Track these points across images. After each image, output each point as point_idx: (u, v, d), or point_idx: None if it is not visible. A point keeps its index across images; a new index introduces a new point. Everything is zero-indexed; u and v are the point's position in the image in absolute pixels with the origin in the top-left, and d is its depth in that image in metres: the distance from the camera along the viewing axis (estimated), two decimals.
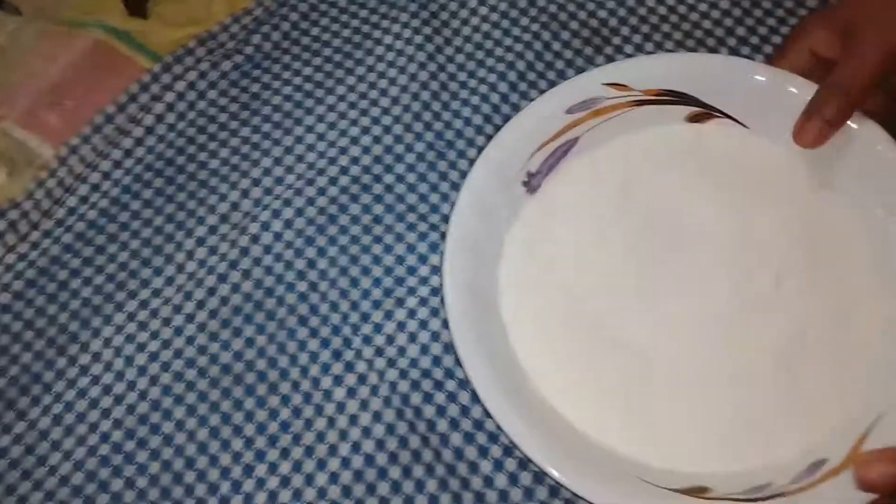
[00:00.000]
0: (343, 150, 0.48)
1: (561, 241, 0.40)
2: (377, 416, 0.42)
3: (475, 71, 0.50)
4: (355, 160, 0.48)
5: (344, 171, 0.47)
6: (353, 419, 0.42)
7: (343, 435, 0.41)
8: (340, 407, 0.42)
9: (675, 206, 0.40)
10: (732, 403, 0.36)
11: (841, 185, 0.39)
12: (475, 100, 0.49)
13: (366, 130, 0.48)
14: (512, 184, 0.41)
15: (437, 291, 0.44)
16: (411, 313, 0.44)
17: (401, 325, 0.43)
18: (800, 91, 0.39)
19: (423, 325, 0.43)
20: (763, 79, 0.40)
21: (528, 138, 0.40)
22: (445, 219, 0.45)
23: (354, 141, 0.48)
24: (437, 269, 0.44)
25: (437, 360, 0.43)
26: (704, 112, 0.41)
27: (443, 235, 0.42)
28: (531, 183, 0.41)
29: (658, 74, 0.41)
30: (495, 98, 0.49)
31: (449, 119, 0.49)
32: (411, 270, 0.45)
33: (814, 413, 0.36)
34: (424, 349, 0.43)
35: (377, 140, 0.48)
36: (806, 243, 0.38)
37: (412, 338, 0.43)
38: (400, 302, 0.44)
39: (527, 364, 0.38)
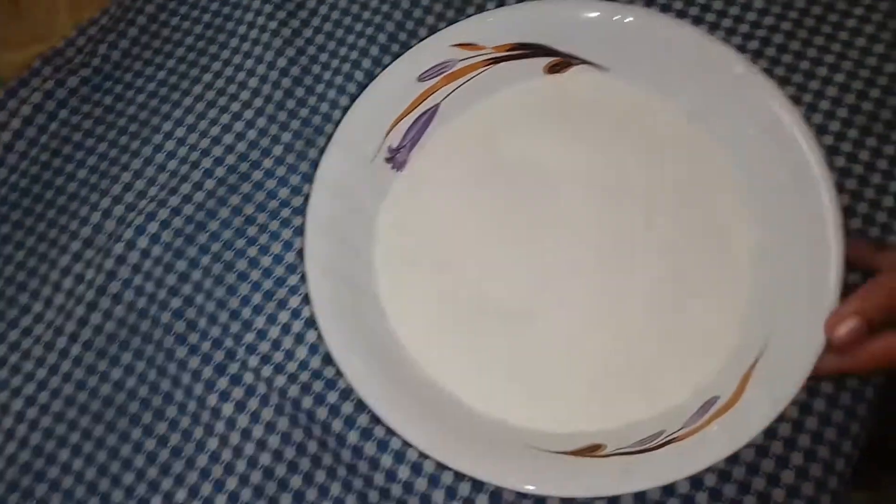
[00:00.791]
0: (205, 152, 0.45)
1: (432, 215, 0.39)
2: (270, 427, 0.40)
3: (336, 50, 0.48)
4: (219, 160, 0.45)
5: (208, 173, 0.45)
6: (246, 433, 0.40)
7: (238, 451, 0.39)
8: (231, 423, 0.40)
9: (542, 161, 0.39)
10: (616, 354, 0.35)
11: (706, 114, 0.38)
12: (339, 80, 0.47)
13: (227, 128, 0.46)
14: (373, 161, 0.38)
15: None
16: (295, 313, 0.42)
17: (285, 328, 0.41)
18: (651, 24, 0.37)
19: (310, 323, 0.41)
20: (611, 16, 0.38)
21: (381, 112, 0.38)
22: None
23: (216, 141, 0.46)
24: None
25: (327, 358, 0.40)
26: (562, 61, 0.40)
27: None
28: (396, 158, 0.39)
29: (506, 28, 0.39)
30: (359, 76, 0.47)
31: (315, 104, 0.46)
32: (291, 268, 0.42)
33: (699, 352, 0.35)
34: (313, 349, 0.41)
35: (240, 136, 0.46)
36: (675, 179, 0.37)
37: (299, 339, 0.41)
38: (282, 303, 0.42)
39: (409, 344, 0.36)
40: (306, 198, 0.37)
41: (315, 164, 0.44)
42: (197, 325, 0.42)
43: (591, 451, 0.33)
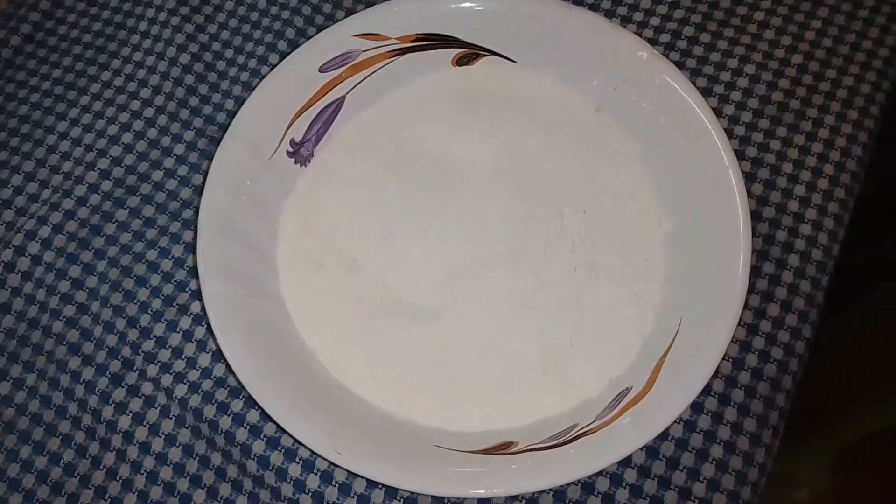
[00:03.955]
0: (102, 152, 0.43)
1: (338, 211, 0.37)
2: (171, 439, 0.37)
3: (242, 46, 0.46)
4: (117, 161, 0.43)
5: (105, 174, 0.43)
6: (145, 447, 0.37)
7: (136, 467, 0.37)
8: (129, 437, 0.38)
9: (452, 153, 0.38)
10: (529, 349, 0.34)
11: (615, 103, 0.37)
12: (245, 76, 0.45)
13: (126, 127, 0.44)
14: (273, 156, 0.37)
15: None
16: (197, 319, 0.39)
17: (187, 335, 0.39)
18: (557, 14, 0.36)
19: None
20: (516, 7, 0.37)
21: (281, 104, 0.37)
22: None
23: (114, 140, 0.43)
24: None
25: None
26: (470, 52, 0.39)
27: None
28: (300, 153, 0.38)
29: (410, 19, 0.38)
30: (266, 71, 0.45)
31: (219, 101, 0.44)
32: (193, 272, 0.40)
33: (613, 343, 0.34)
34: (217, 356, 0.39)
35: (140, 135, 0.44)
36: (585, 169, 0.36)
37: (201, 346, 0.39)
38: (183, 309, 0.40)
39: (315, 346, 0.35)
40: (201, 193, 0.36)
41: None
42: (92, 335, 0.39)
43: (503, 448, 0.32)
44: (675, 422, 0.36)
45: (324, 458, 0.35)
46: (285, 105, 0.37)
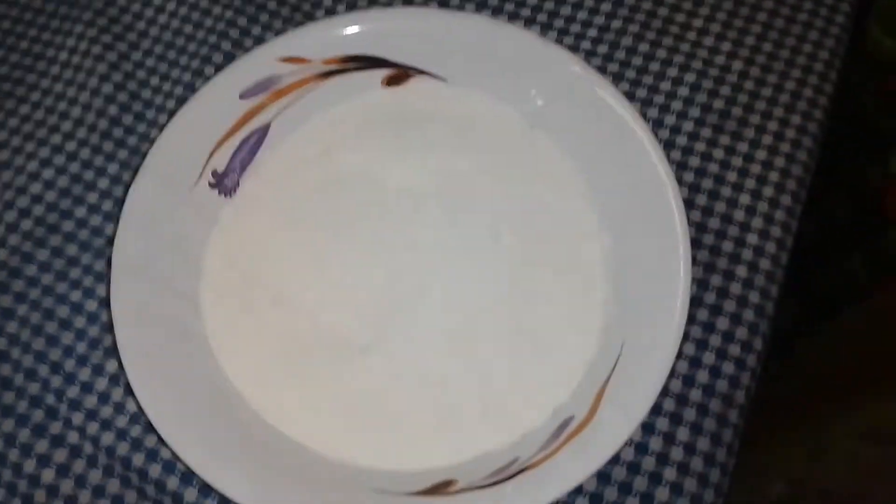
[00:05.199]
0: (21, 190, 0.41)
1: (264, 243, 0.36)
2: (99, 492, 0.35)
3: (168, 73, 0.44)
4: (37, 198, 0.41)
5: (25, 213, 0.41)
6: (71, 501, 0.35)
7: None
8: (53, 490, 0.36)
9: (383, 177, 0.36)
10: (467, 383, 0.33)
11: (548, 119, 0.36)
12: (171, 104, 0.43)
13: (46, 162, 0.42)
14: (195, 188, 0.35)
15: None
16: None
17: (114, 379, 0.37)
18: (482, 31, 0.35)
19: None
20: (444, 25, 0.36)
21: (200, 134, 0.35)
22: None
23: (34, 177, 0.41)
24: None
25: None
26: (399, 72, 0.37)
27: None
28: (224, 184, 0.36)
29: (333, 41, 0.36)
30: None
31: (144, 130, 0.43)
32: None
33: (555, 371, 0.33)
34: None
35: (61, 170, 0.42)
36: (520, 188, 0.35)
37: (129, 390, 0.37)
38: (110, 352, 0.38)
39: (242, 388, 0.33)
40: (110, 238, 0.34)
41: None
42: (12, 383, 0.37)
43: (443, 488, 0.30)
44: (626, 444, 0.35)
45: None
46: (205, 135, 0.35)
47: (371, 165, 0.37)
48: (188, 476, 0.35)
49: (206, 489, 0.35)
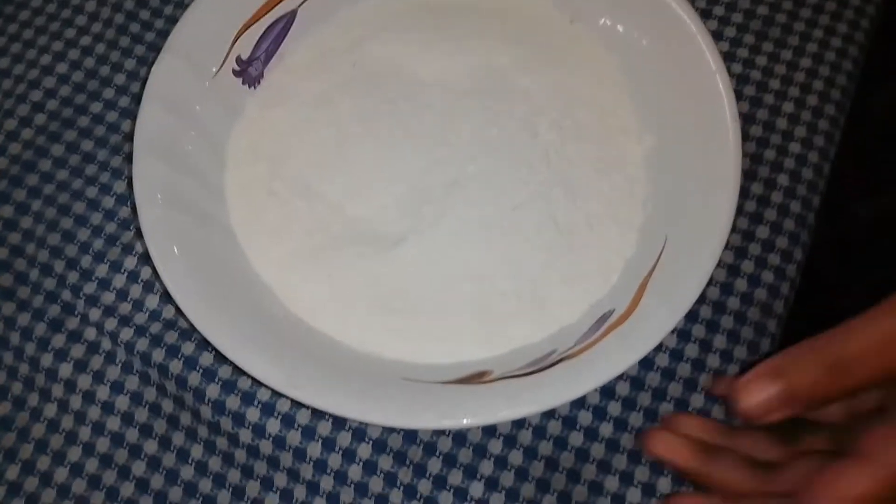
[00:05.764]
0: (34, 84, 0.40)
1: (291, 135, 0.34)
2: (118, 387, 0.34)
3: None
4: (51, 93, 0.39)
5: (38, 107, 0.39)
6: (89, 396, 0.34)
7: (80, 418, 0.34)
8: (70, 385, 0.34)
9: (415, 73, 0.35)
10: (502, 276, 0.31)
11: (591, 15, 0.34)
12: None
13: (61, 56, 0.40)
14: (217, 75, 0.33)
15: None
16: (143, 259, 0.36)
17: (132, 275, 0.36)
18: None
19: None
20: None
21: (223, 17, 0.34)
22: None
23: (48, 70, 0.40)
24: None
25: None
26: None
27: None
28: (248, 73, 0.34)
29: None
30: None
31: (162, 27, 0.41)
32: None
33: (593, 266, 0.31)
34: (165, 297, 0.36)
35: (76, 65, 0.40)
36: (560, 84, 0.34)
37: (148, 287, 0.36)
38: (128, 249, 0.36)
39: (270, 280, 0.32)
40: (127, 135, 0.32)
41: None
42: (28, 278, 0.36)
43: (477, 378, 0.29)
44: (661, 350, 0.34)
45: (285, 398, 0.33)
46: (229, 18, 0.34)
47: (403, 59, 0.35)
48: (210, 372, 0.34)
49: (228, 385, 0.34)
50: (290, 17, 0.35)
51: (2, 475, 0.33)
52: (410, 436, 0.33)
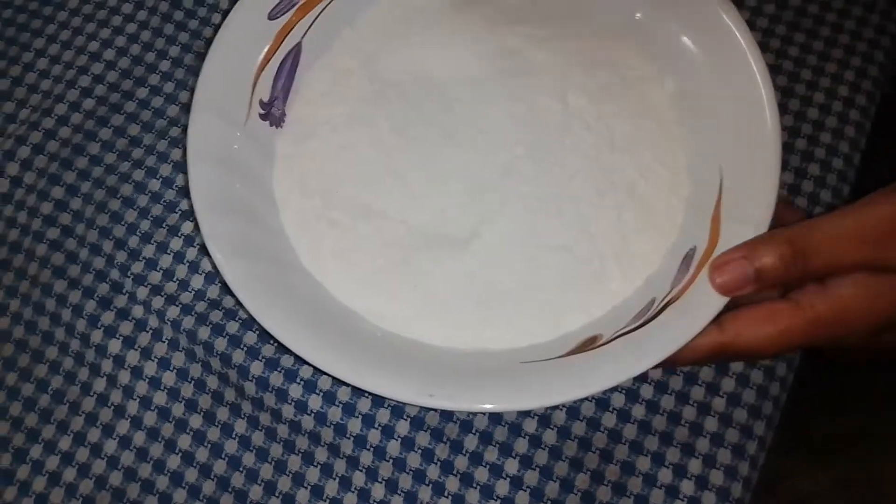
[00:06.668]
0: (83, 70, 0.41)
1: (333, 162, 0.34)
2: (164, 363, 0.36)
3: None
4: (99, 78, 0.41)
5: (87, 92, 0.40)
6: (137, 372, 0.36)
7: (128, 392, 0.35)
8: (119, 361, 0.36)
9: (433, 74, 0.36)
10: (577, 244, 0.33)
11: None
12: None
13: (108, 43, 0.41)
14: (247, 123, 0.34)
15: None
16: (189, 240, 0.37)
17: (178, 256, 0.37)
18: None
19: (205, 249, 0.37)
20: None
21: (239, 64, 0.34)
22: None
23: (95, 57, 0.41)
24: None
25: (227, 286, 0.36)
26: None
27: None
28: (272, 114, 0.35)
29: None
30: None
31: (205, 14, 0.42)
32: (183, 192, 0.38)
33: (657, 213, 0.33)
34: (210, 277, 0.37)
35: (122, 52, 0.41)
36: (573, 51, 0.35)
37: (194, 267, 0.37)
38: (174, 230, 0.38)
39: (357, 305, 0.32)
40: (188, 111, 0.33)
41: None
42: (77, 257, 0.37)
43: (589, 344, 0.30)
44: None
45: (327, 375, 0.34)
46: (244, 63, 0.34)
47: (416, 63, 0.36)
48: (254, 350, 0.35)
49: (272, 362, 0.35)
50: (296, 51, 0.35)
51: (55, 445, 0.35)
52: (447, 414, 0.34)
